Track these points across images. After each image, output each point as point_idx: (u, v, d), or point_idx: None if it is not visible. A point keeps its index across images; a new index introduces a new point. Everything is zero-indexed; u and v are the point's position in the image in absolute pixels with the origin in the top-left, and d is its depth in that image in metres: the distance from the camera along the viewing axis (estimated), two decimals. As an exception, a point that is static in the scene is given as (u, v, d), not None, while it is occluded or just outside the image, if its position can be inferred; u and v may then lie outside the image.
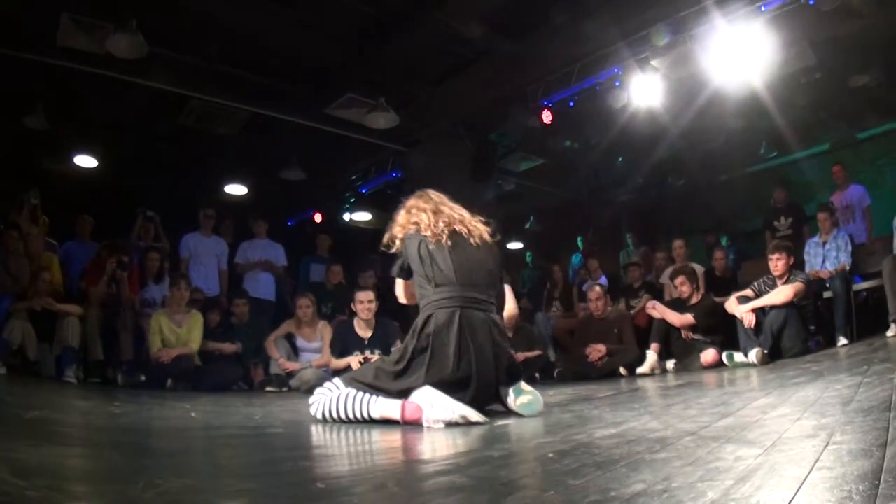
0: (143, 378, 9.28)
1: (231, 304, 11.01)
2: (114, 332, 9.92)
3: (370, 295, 9.29)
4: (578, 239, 16.98)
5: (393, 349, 8.74)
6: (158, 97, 11.73)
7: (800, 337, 8.76)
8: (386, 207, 15.85)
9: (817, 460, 2.18)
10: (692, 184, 16.91)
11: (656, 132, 13.26)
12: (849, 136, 15.50)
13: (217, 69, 11.68)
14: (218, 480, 2.57)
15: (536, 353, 10.39)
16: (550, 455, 2.87)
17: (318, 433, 4.07)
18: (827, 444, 2.44)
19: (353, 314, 9.41)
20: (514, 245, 19.70)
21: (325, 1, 10.33)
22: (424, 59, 12.21)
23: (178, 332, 9.50)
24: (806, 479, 1.97)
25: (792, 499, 1.75)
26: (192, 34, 10.89)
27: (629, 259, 14.40)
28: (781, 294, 8.89)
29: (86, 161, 13.84)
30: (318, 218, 16.93)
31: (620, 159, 15.99)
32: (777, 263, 9.12)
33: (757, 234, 13.12)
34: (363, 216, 16.74)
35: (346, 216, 16.86)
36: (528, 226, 19.09)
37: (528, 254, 19.02)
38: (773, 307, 8.87)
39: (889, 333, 8.49)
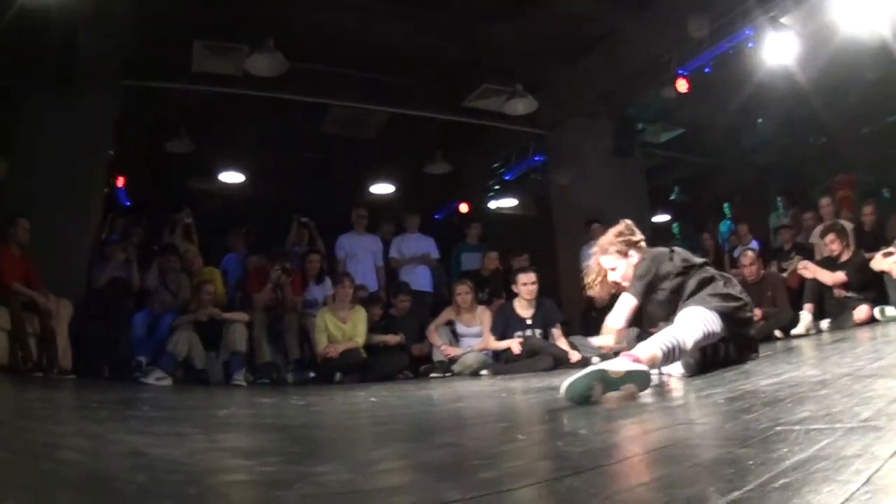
0: (311, 375, 9.72)
1: (392, 298, 11.35)
2: (279, 334, 10.35)
3: (532, 276, 9.67)
4: (725, 205, 16.80)
5: None
6: (299, 108, 12.13)
7: None
8: (531, 192, 16.07)
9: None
10: (834, 140, 16.57)
11: (793, 91, 12.92)
12: None
13: (354, 75, 12.09)
14: (427, 441, 2.84)
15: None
16: (720, 401, 3.14)
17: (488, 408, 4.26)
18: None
19: (512, 297, 9.65)
20: (661, 217, 19.56)
21: None
22: (554, 40, 12.32)
23: (344, 328, 9.86)
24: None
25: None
26: (325, 45, 11.29)
27: (779, 221, 14.22)
28: None
29: (232, 177, 14.48)
30: (464, 208, 17.12)
31: (760, 120, 15.68)
32: None
33: None
34: (509, 202, 16.97)
35: (492, 204, 17.08)
36: (672, 196, 18.94)
37: (675, 225, 18.76)
38: None
39: None
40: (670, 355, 4.28)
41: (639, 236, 5.62)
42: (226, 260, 12.12)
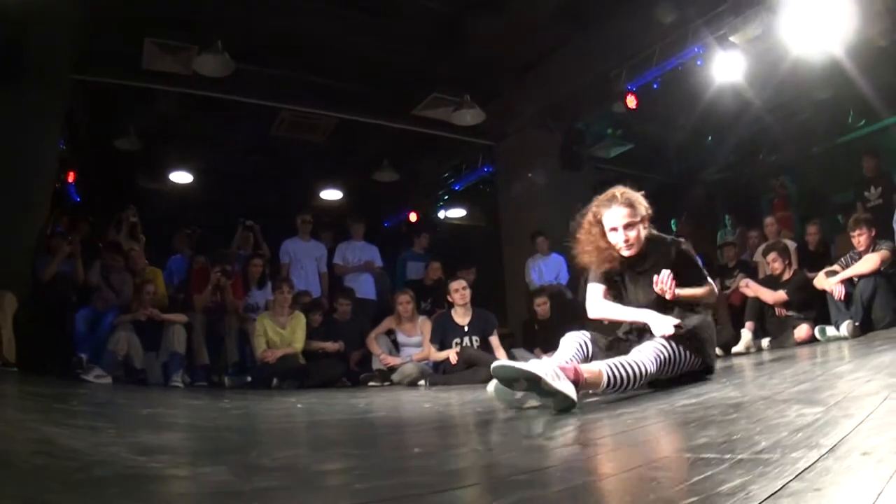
0: (249, 379, 9.72)
1: (333, 304, 11.38)
2: (219, 337, 10.36)
3: (462, 282, 9.70)
4: (672, 222, 16.95)
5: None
6: (248, 110, 12.12)
7: (891, 306, 8.51)
8: (481, 203, 16.13)
9: (871, 413, 2.34)
10: (784, 158, 16.73)
11: (743, 108, 13.17)
12: None
13: (303, 79, 12.11)
14: (323, 451, 2.82)
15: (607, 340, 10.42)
16: (630, 420, 3.15)
17: (418, 413, 4.38)
18: (885, 399, 2.58)
19: (451, 306, 9.65)
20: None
21: (401, 4, 10.67)
22: (505, 52, 12.43)
23: (283, 334, 9.87)
24: (855, 428, 2.14)
25: (836, 444, 1.91)
26: (275, 48, 11.31)
27: (725, 239, 14.37)
28: (868, 263, 8.73)
29: (181, 177, 14.50)
30: (413, 217, 17.26)
31: (710, 138, 15.87)
32: (859, 238, 8.99)
33: (851, 207, 12.63)
34: (458, 213, 17.03)
35: (442, 214, 17.16)
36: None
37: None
38: (861, 277, 8.72)
39: None
40: (619, 384, 4.12)
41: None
42: (171, 261, 12.11)
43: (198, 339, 9.97)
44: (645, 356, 4.31)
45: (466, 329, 9.50)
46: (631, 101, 12.22)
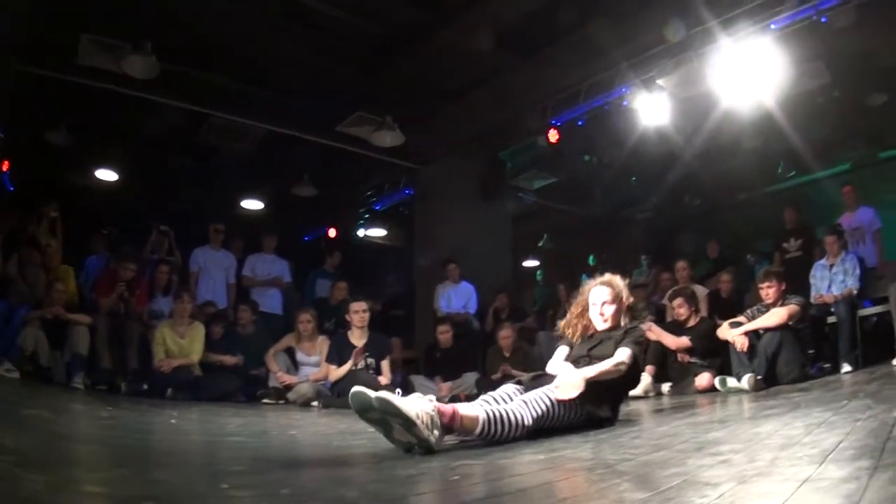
0: (145, 387, 9.83)
1: (237, 314, 11.62)
2: (123, 342, 10.49)
3: (363, 305, 9.98)
4: (590, 257, 17.28)
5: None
6: (179, 113, 12.31)
7: (797, 362, 8.59)
8: (400, 225, 16.38)
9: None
10: (710, 204, 17.14)
11: (669, 152, 13.51)
12: (870, 155, 15.53)
13: (233, 87, 12.38)
14: (134, 473, 3.04)
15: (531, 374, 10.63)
16: (456, 476, 3.19)
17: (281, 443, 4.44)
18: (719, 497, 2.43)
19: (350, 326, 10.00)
20: (530, 262, 20.12)
21: (337, 21, 10.87)
22: (435, 76, 12.75)
23: (181, 344, 10.11)
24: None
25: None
26: (209, 53, 11.56)
27: (637, 280, 14.69)
28: (775, 316, 8.76)
29: (107, 175, 14.59)
30: (332, 233, 17.48)
31: (634, 179, 16.27)
32: (768, 291, 9.08)
33: (771, 256, 13.00)
34: (378, 232, 17.29)
35: (361, 232, 17.40)
36: (541, 244, 19.58)
37: (538, 272, 19.35)
38: (767, 330, 8.74)
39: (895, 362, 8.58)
40: (494, 433, 4.19)
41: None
42: (88, 262, 12.31)
43: (101, 342, 10.13)
44: (526, 408, 4.44)
45: (362, 350, 9.71)
46: (553, 136, 12.56)
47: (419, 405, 3.80)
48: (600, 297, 5.58)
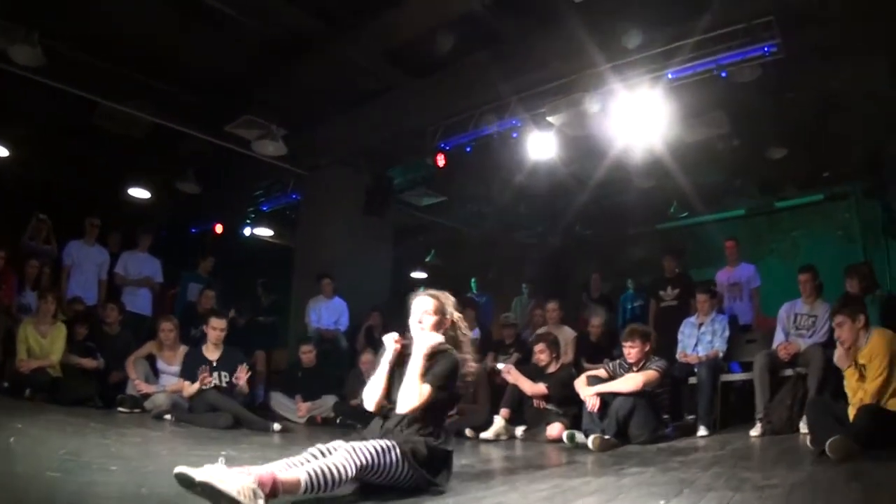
0: (6, 385, 10.22)
1: (105, 313, 11.99)
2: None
3: (223, 324, 10.44)
4: (472, 282, 17.72)
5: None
6: (70, 96, 12.43)
7: (648, 426, 8.79)
8: (286, 227, 16.77)
9: None
10: (599, 234, 17.75)
11: (558, 183, 14.09)
12: (765, 203, 16.38)
13: (123, 75, 12.66)
14: None
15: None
16: None
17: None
18: None
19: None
20: (418, 274, 20.64)
21: (233, 21, 11.14)
22: (325, 86, 13.20)
23: (42, 343, 10.48)
24: None
25: None
26: (101, 40, 11.89)
27: (522, 306, 15.21)
28: (630, 382, 8.89)
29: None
30: (219, 229, 17.92)
31: (521, 206, 16.83)
32: (630, 351, 9.19)
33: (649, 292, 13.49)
34: (265, 231, 17.82)
35: (248, 230, 17.89)
36: (427, 259, 20.12)
37: (421, 288, 19.33)
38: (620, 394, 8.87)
39: (753, 433, 8.86)
40: (318, 488, 4.24)
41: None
42: None
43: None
44: (350, 457, 4.44)
45: (215, 364, 10.14)
46: (440, 160, 13.13)
47: (239, 481, 3.88)
48: (422, 307, 5.45)
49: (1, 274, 11.43)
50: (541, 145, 12.11)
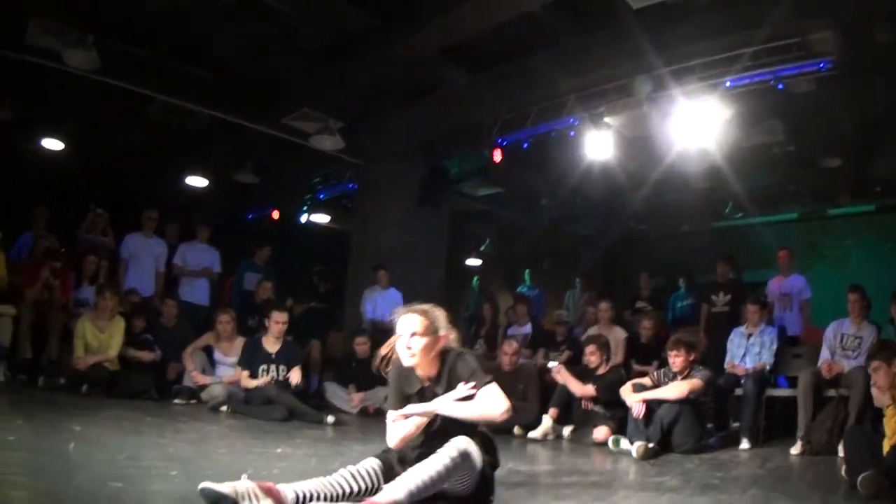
0: (62, 381, 10.56)
1: (163, 303, 12.40)
2: (45, 331, 11.28)
3: (285, 317, 10.72)
4: (526, 273, 17.94)
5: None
6: (127, 90, 12.82)
7: (693, 434, 8.96)
8: (342, 214, 17.11)
9: None
10: (653, 230, 17.95)
11: (614, 180, 14.31)
12: (819, 209, 16.47)
13: (182, 69, 13.00)
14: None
15: (436, 397, 11.43)
16: None
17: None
18: None
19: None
20: (473, 262, 21.02)
21: (288, 17, 11.41)
22: (384, 81, 13.47)
23: (101, 338, 10.82)
24: None
25: None
26: (158, 35, 12.25)
27: (574, 301, 15.44)
28: (676, 390, 9.01)
29: (52, 144, 15.13)
30: (275, 215, 18.39)
31: (579, 200, 17.05)
32: (675, 360, 9.25)
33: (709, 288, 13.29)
34: (322, 218, 18.21)
35: (304, 217, 18.29)
36: (482, 248, 20.43)
37: (475, 278, 20.14)
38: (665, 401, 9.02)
39: (793, 451, 9.07)
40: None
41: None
42: (24, 238, 12.92)
43: (23, 333, 10.91)
44: (439, 466, 4.29)
45: (274, 357, 10.47)
46: (497, 155, 13.44)
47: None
48: (409, 328, 4.90)
49: (55, 271, 11.70)
50: (598, 145, 12.24)
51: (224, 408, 10.30)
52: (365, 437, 9.11)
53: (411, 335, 4.86)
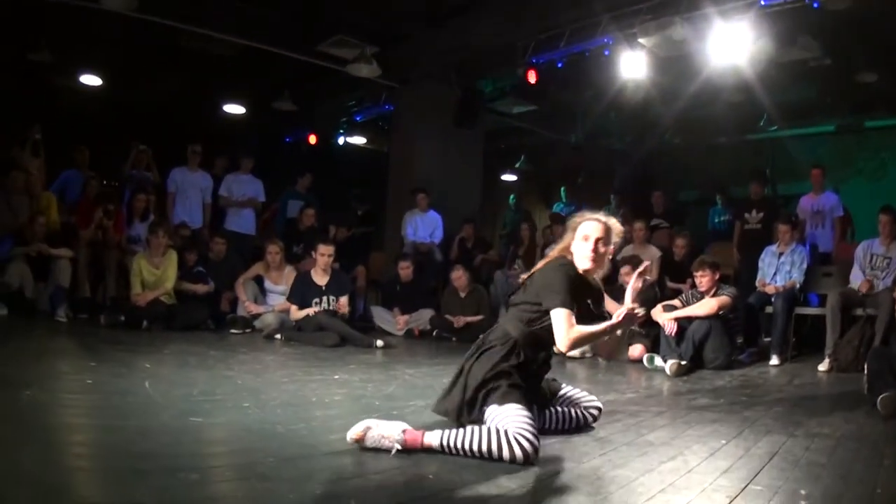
0: (122, 318, 11.05)
1: (211, 239, 13.00)
2: (102, 269, 12.06)
3: (331, 249, 11.31)
4: (562, 189, 18.54)
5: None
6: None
7: (723, 350, 9.50)
8: (379, 136, 17.61)
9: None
10: (689, 143, 18.38)
11: (648, 97, 14.52)
12: (856, 122, 16.63)
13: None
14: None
15: (479, 318, 12.18)
16: None
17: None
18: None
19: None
20: (509, 177, 21.55)
21: None
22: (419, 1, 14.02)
23: (156, 273, 11.41)
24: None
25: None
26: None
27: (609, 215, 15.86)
28: (705, 306, 9.58)
29: (91, 80, 15.75)
30: (312, 139, 18.85)
31: (613, 115, 17.35)
32: (702, 280, 9.80)
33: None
34: (358, 140, 18.79)
35: (341, 140, 18.85)
36: (518, 165, 20.87)
37: (511, 196, 20.63)
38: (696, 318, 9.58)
39: (821, 367, 9.70)
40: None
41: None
42: (67, 175, 13.49)
43: (81, 273, 11.69)
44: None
45: (324, 289, 11.07)
46: (532, 77, 13.77)
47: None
48: (595, 233, 4.82)
49: (108, 211, 12.29)
50: (632, 64, 12.48)
51: (278, 336, 10.90)
52: (413, 359, 9.73)
53: (596, 240, 4.78)
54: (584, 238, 4.82)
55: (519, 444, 4.05)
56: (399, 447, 4.10)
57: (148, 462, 3.78)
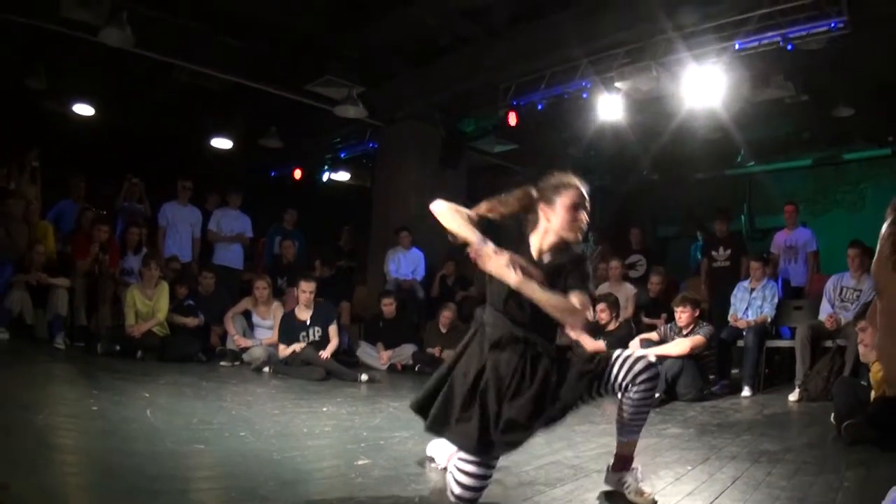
0: (118, 348, 11.42)
1: (200, 273, 13.36)
2: (96, 299, 12.31)
3: (312, 286, 11.67)
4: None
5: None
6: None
7: (695, 385, 9.93)
8: (362, 173, 17.97)
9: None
10: (667, 180, 18.80)
11: (627, 136, 15.07)
12: (833, 155, 16.98)
13: (203, 34, 13.64)
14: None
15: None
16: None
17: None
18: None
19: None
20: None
21: None
22: (405, 40, 14.32)
23: (149, 304, 11.81)
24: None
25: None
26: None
27: (588, 252, 16.12)
28: (678, 347, 10.03)
29: (84, 109, 15.97)
30: (297, 174, 19.18)
31: (592, 153, 17.67)
32: (681, 316, 10.24)
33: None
34: (343, 176, 19.01)
35: (326, 176, 19.09)
36: (503, 201, 20.79)
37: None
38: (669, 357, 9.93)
39: (791, 397, 10.02)
40: None
41: None
42: (62, 204, 13.72)
43: (78, 302, 11.96)
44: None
45: (308, 322, 11.49)
46: (512, 119, 14.21)
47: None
48: (583, 202, 4.61)
49: (104, 245, 12.60)
50: (609, 107, 12.95)
51: (266, 369, 11.36)
52: (396, 392, 10.13)
53: (583, 210, 4.56)
54: (571, 208, 4.50)
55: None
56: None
57: (161, 483, 4.20)
